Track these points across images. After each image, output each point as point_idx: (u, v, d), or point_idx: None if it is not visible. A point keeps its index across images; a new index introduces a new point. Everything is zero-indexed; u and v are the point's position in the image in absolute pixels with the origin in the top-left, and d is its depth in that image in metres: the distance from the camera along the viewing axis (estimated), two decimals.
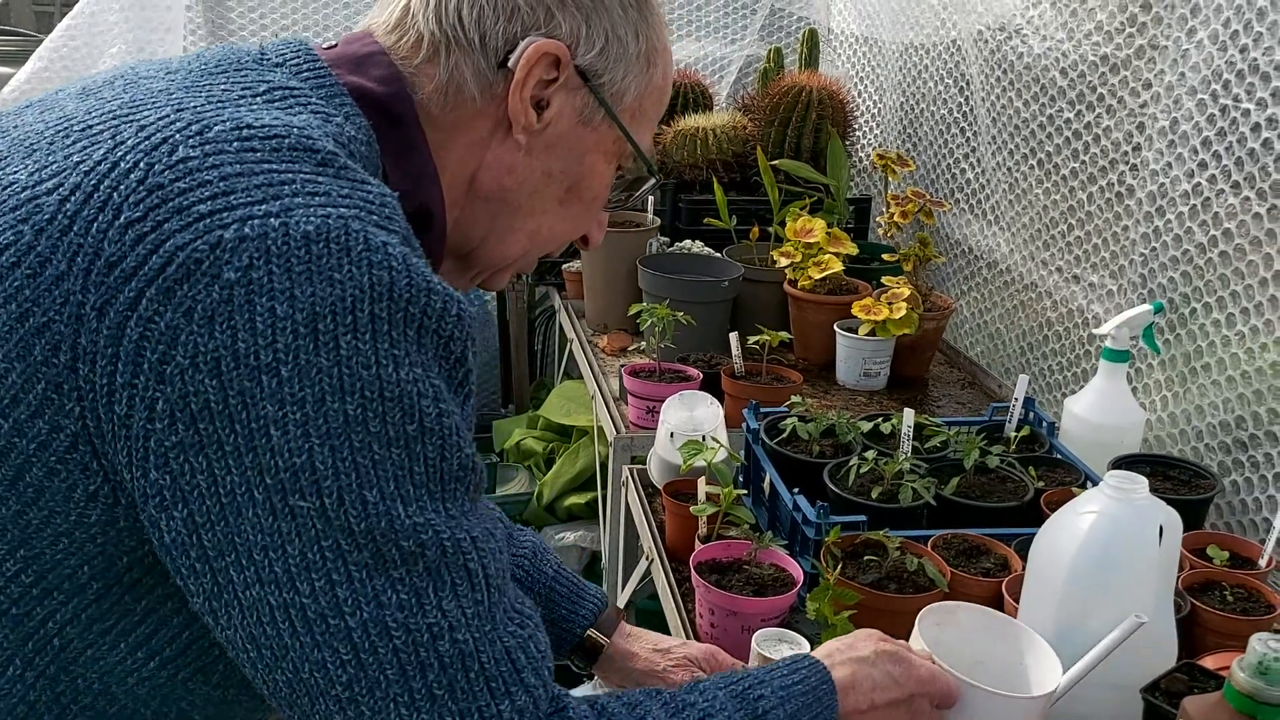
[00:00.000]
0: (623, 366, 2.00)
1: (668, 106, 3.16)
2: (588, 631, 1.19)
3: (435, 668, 0.69)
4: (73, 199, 0.68)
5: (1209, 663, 1.14)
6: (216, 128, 0.70)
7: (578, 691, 1.48)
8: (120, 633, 0.74)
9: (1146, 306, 1.68)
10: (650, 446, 1.73)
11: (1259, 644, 0.86)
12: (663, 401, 1.68)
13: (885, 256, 2.28)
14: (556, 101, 0.85)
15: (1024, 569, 1.23)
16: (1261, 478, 1.57)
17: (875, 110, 2.95)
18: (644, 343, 2.25)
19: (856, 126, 2.85)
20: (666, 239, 2.53)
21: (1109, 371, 1.68)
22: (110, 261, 0.66)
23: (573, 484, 2.78)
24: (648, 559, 1.60)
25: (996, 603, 1.29)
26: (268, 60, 0.81)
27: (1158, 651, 1.13)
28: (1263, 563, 1.37)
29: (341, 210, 0.68)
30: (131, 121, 0.71)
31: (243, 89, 0.76)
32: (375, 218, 0.70)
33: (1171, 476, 1.56)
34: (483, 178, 0.87)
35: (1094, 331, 1.90)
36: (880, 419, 1.62)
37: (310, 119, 0.75)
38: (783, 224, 2.26)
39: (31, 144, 0.73)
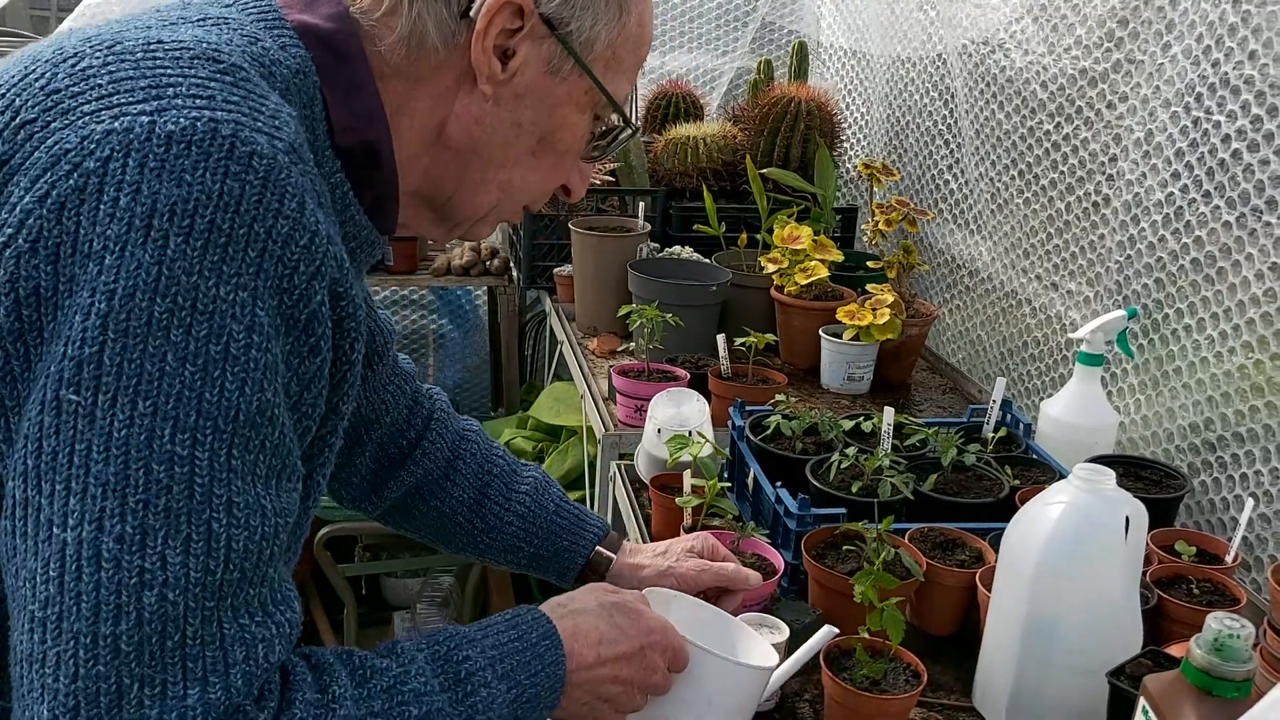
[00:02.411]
0: (612, 367, 2.04)
1: (662, 113, 3.17)
2: (594, 549, 1.23)
3: (131, 619, 0.62)
4: None
5: (1173, 651, 1.18)
6: (126, 42, 0.72)
7: None
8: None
9: (1120, 312, 1.73)
10: (638, 443, 1.77)
11: (1215, 622, 0.91)
12: (650, 400, 1.73)
13: (870, 264, 2.33)
14: (522, 51, 0.83)
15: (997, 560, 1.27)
16: (1229, 478, 1.62)
17: (862, 121, 3.00)
18: (633, 344, 2.29)
19: (844, 137, 2.90)
20: (656, 245, 2.57)
21: (1084, 375, 1.72)
22: (1, 158, 0.68)
23: (562, 482, 2.81)
24: None
25: (970, 593, 1.34)
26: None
27: (1124, 639, 1.17)
28: (1229, 559, 1.42)
29: (218, 114, 0.67)
30: (59, 45, 0.74)
31: (179, 16, 0.78)
32: (259, 123, 0.69)
33: (1143, 477, 1.61)
34: (452, 129, 0.85)
35: (1070, 336, 1.95)
36: (861, 418, 1.67)
37: (232, 38, 0.76)
38: (770, 231, 2.30)
39: None
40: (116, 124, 0.66)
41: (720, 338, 1.98)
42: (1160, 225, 1.74)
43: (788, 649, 1.25)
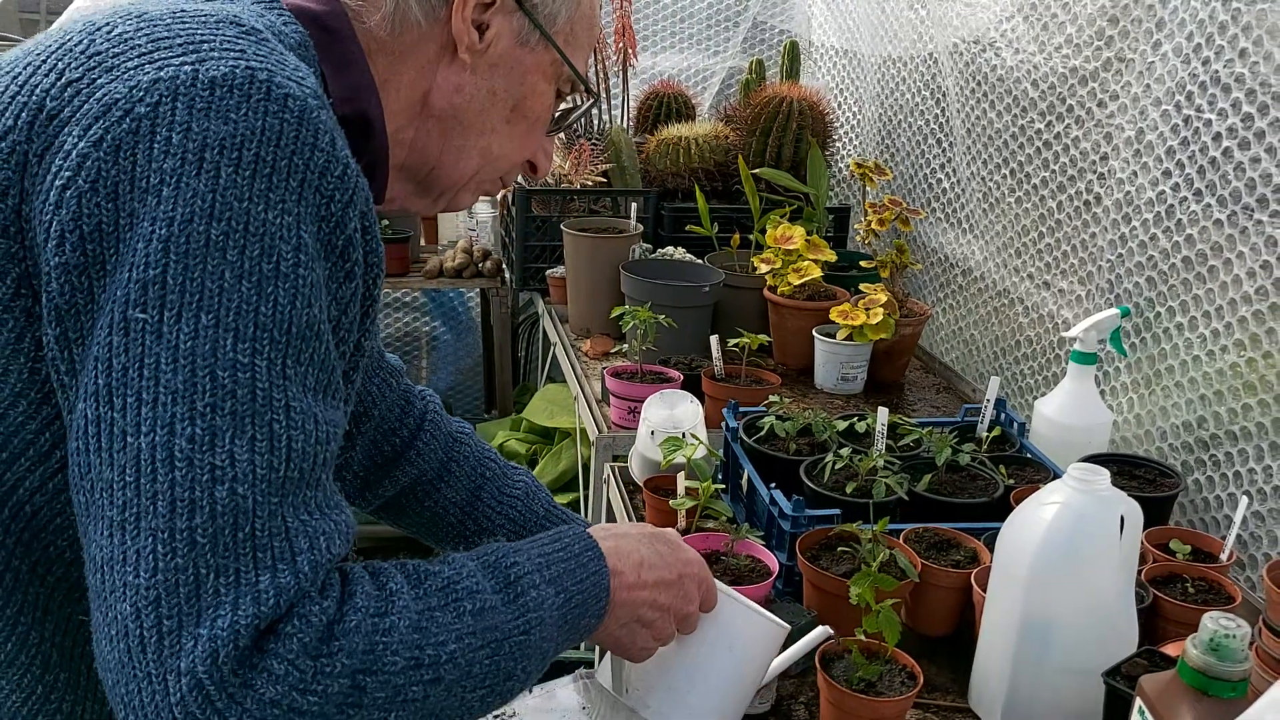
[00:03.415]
0: (605, 369, 2.04)
1: (654, 114, 3.16)
2: None
3: (205, 512, 0.67)
4: (24, 72, 0.77)
5: (1169, 650, 1.18)
6: (154, 11, 0.79)
7: (563, 684, 1.53)
8: None
9: (1113, 311, 1.73)
10: (631, 445, 1.77)
11: (1211, 622, 0.90)
12: (644, 402, 1.72)
13: (863, 263, 2.33)
14: (495, 24, 0.92)
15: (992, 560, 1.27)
16: (1223, 476, 1.62)
17: (854, 121, 3.00)
18: (626, 346, 2.29)
19: (836, 137, 2.91)
20: (649, 245, 2.57)
21: (1077, 374, 1.73)
22: (50, 114, 0.73)
23: (555, 485, 2.81)
24: None
25: (966, 593, 1.34)
26: None
27: (1119, 639, 1.17)
28: (1223, 557, 1.42)
29: (251, 62, 0.74)
30: (88, 19, 0.80)
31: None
32: (287, 73, 0.75)
33: (1138, 475, 1.61)
34: (434, 98, 0.93)
35: (1063, 335, 1.95)
36: (855, 418, 1.66)
37: (244, 9, 0.83)
38: (763, 231, 2.30)
39: (28, 49, 0.82)
40: (162, 73, 0.72)
41: (713, 339, 1.97)
42: (1151, 224, 1.74)
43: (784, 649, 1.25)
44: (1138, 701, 0.96)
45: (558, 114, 1.02)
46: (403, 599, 0.75)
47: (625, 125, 3.09)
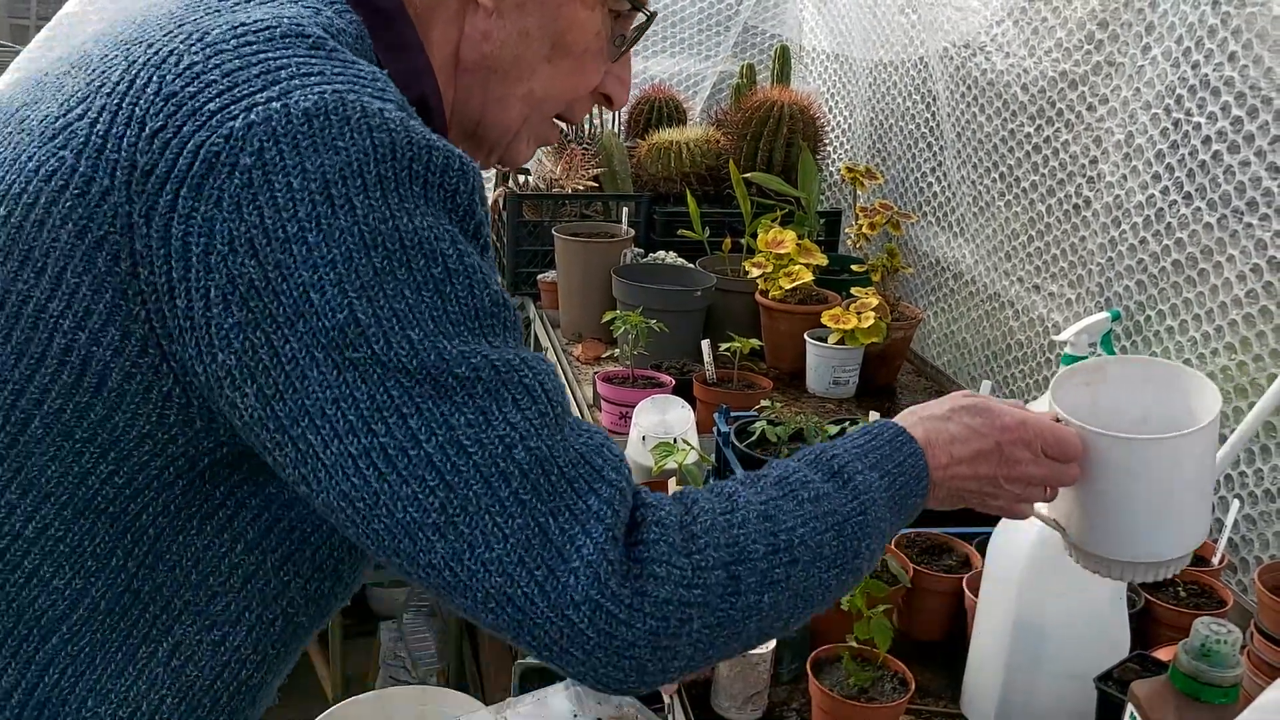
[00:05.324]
0: (596, 373, 2.03)
1: (645, 118, 3.14)
2: None
3: (516, 475, 0.72)
4: (101, 119, 0.74)
5: (1161, 655, 1.18)
6: (214, 31, 0.76)
7: (555, 691, 1.54)
8: (204, 516, 0.80)
9: (1104, 314, 1.73)
10: (623, 450, 1.76)
11: (1202, 627, 0.90)
12: (635, 407, 1.72)
13: (854, 267, 2.33)
14: None
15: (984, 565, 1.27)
16: None
17: (845, 125, 3.00)
18: (618, 350, 2.28)
19: (827, 141, 2.91)
20: (640, 250, 2.57)
21: None
22: (145, 170, 0.71)
23: None
24: None
25: (958, 598, 1.34)
26: None
27: (1111, 644, 1.17)
28: (1215, 561, 1.42)
29: (336, 85, 0.73)
30: (140, 43, 0.77)
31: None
32: (369, 90, 0.74)
33: None
34: (465, 51, 0.89)
35: (1054, 338, 1.95)
36: (847, 422, 1.66)
37: (300, 11, 0.80)
38: (755, 235, 2.30)
39: (57, 82, 0.79)
40: (253, 115, 0.70)
41: (705, 343, 1.97)
42: (1142, 227, 1.74)
43: (775, 657, 1.25)
44: (1129, 707, 0.96)
45: (629, 34, 0.94)
46: (743, 496, 0.81)
47: (616, 130, 3.08)
